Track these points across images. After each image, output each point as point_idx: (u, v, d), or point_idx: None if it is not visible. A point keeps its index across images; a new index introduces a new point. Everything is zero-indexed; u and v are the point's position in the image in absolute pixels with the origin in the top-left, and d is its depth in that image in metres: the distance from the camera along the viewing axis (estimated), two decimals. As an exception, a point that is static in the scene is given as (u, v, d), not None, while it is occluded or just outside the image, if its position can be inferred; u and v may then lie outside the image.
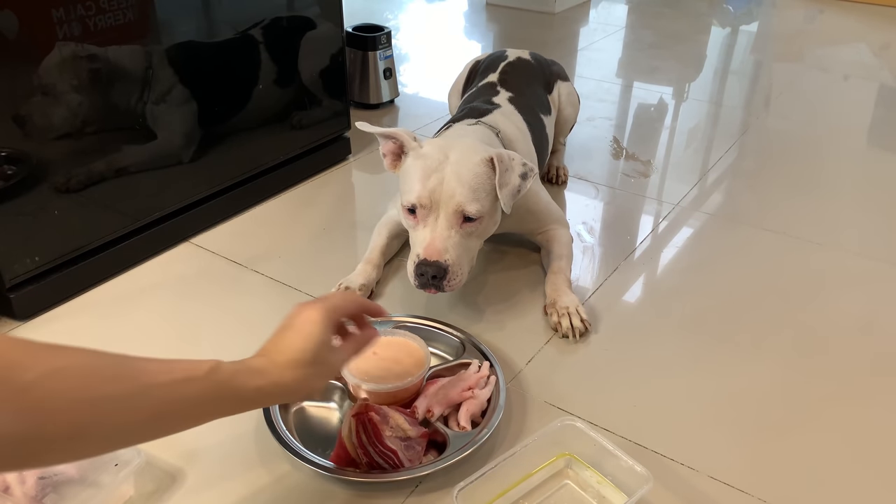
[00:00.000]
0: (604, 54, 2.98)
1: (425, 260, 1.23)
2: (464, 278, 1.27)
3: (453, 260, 1.24)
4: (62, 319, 1.38)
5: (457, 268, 1.25)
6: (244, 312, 1.41)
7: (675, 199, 1.85)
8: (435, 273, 1.23)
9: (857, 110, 2.49)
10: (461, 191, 1.23)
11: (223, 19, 1.61)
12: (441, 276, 1.23)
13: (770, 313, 1.43)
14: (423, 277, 1.24)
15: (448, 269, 1.23)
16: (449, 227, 1.25)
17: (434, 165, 1.26)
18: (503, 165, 1.26)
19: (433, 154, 1.27)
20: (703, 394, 1.23)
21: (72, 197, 1.40)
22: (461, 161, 1.26)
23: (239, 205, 1.75)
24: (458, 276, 1.25)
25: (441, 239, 1.24)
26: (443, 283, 1.24)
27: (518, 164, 1.28)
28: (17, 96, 1.26)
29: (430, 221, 1.26)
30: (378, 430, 1.03)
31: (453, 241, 1.25)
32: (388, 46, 2.33)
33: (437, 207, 1.25)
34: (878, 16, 3.58)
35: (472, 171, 1.25)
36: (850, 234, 1.71)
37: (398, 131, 1.31)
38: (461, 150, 1.28)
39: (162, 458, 1.08)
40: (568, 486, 1.05)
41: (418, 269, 1.24)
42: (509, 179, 1.26)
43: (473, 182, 1.25)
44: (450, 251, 1.24)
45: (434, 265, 1.23)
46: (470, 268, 1.30)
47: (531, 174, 1.29)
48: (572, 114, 1.91)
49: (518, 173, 1.27)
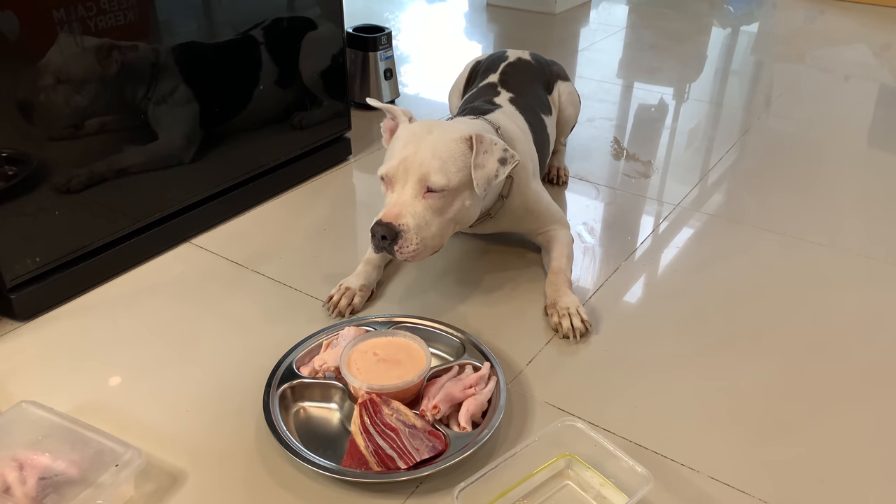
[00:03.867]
0: (604, 55, 2.98)
1: (380, 220, 1.24)
2: (421, 252, 1.26)
3: (409, 227, 1.24)
4: (63, 320, 1.38)
5: (412, 235, 1.23)
6: (244, 313, 1.41)
7: (676, 200, 1.85)
8: (384, 234, 1.23)
9: (858, 111, 2.49)
10: (430, 161, 1.25)
11: (224, 20, 1.61)
12: (391, 239, 1.23)
13: (770, 313, 1.43)
14: (375, 238, 1.25)
15: (400, 233, 1.23)
16: (413, 196, 1.26)
17: (414, 138, 1.29)
18: (482, 146, 1.27)
19: (418, 129, 1.31)
20: (704, 394, 1.23)
21: (72, 197, 1.40)
22: (440, 136, 1.28)
23: (239, 205, 1.75)
24: (412, 244, 1.24)
25: (401, 204, 1.25)
26: (393, 248, 1.24)
27: (499, 149, 1.28)
28: (17, 97, 1.26)
29: (397, 188, 1.27)
30: (378, 409, 1.06)
31: (414, 209, 1.25)
32: (389, 47, 2.33)
33: (406, 175, 1.26)
34: (878, 16, 3.57)
35: (447, 146, 1.27)
36: (851, 234, 1.71)
37: (395, 108, 1.37)
38: (444, 128, 1.31)
39: (162, 459, 1.08)
40: (568, 487, 1.05)
41: (373, 228, 1.25)
42: (485, 161, 1.27)
43: (444, 154, 1.26)
44: (407, 217, 1.24)
45: (385, 226, 1.23)
46: (435, 247, 1.29)
47: (511, 161, 1.29)
48: (573, 114, 1.91)
49: (497, 157, 1.28)
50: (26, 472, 1.00)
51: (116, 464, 1.00)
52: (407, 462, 1.02)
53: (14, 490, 0.97)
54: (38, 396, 1.11)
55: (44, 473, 1.00)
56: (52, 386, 1.22)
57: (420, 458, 1.03)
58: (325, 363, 1.19)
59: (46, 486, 0.98)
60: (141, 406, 1.19)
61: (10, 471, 0.99)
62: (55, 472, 1.00)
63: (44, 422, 1.06)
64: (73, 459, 1.01)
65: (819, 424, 1.17)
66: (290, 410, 1.16)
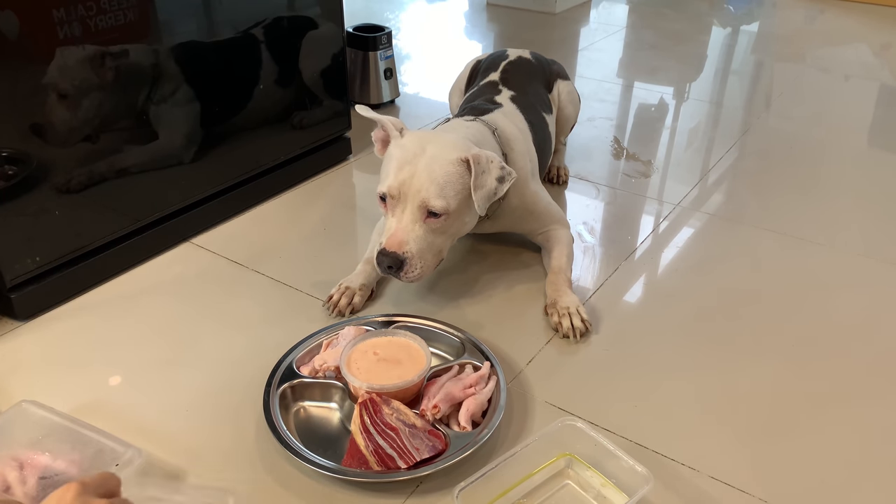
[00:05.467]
0: (604, 54, 2.98)
1: (384, 250, 1.26)
2: (426, 272, 1.29)
3: (413, 253, 1.26)
4: (63, 319, 1.38)
5: (416, 261, 1.26)
6: (244, 312, 1.41)
7: (676, 200, 1.85)
8: (391, 264, 1.26)
9: (858, 110, 2.48)
10: (428, 186, 1.25)
11: (224, 19, 1.61)
12: (397, 267, 1.26)
13: (770, 313, 1.43)
14: (381, 266, 1.28)
15: (405, 261, 1.26)
16: (413, 221, 1.27)
17: (409, 158, 1.28)
18: (479, 167, 1.27)
19: (411, 146, 1.29)
20: (704, 394, 1.23)
21: (72, 197, 1.40)
22: (436, 157, 1.27)
23: (239, 205, 1.75)
24: (417, 268, 1.27)
25: (403, 231, 1.27)
26: (400, 274, 1.27)
27: (496, 167, 1.28)
28: (17, 97, 1.26)
29: (397, 212, 1.28)
30: (378, 408, 1.06)
31: (416, 234, 1.27)
32: (389, 46, 2.33)
33: (406, 199, 1.27)
34: (878, 16, 3.57)
35: (444, 169, 1.26)
36: (851, 233, 1.71)
37: (384, 119, 1.35)
38: (439, 146, 1.29)
39: (162, 458, 1.08)
40: (569, 487, 1.05)
41: (378, 257, 1.28)
42: (485, 182, 1.27)
43: (443, 179, 1.26)
44: (410, 244, 1.26)
45: (391, 256, 1.26)
46: (437, 262, 1.32)
47: (508, 178, 1.29)
48: (573, 113, 1.91)
49: (495, 176, 1.28)
50: (26, 471, 1.00)
51: (116, 463, 1.00)
52: (407, 461, 1.02)
53: (14, 489, 0.97)
54: (38, 396, 1.11)
55: (44, 473, 1.00)
56: (52, 386, 1.22)
57: (420, 457, 1.03)
58: (326, 363, 1.19)
59: (47, 486, 0.98)
60: (141, 406, 1.19)
61: (10, 470, 0.99)
62: (55, 471, 1.00)
63: (44, 421, 1.06)
64: (74, 459, 1.01)
65: (819, 424, 1.17)
66: (290, 410, 1.16)
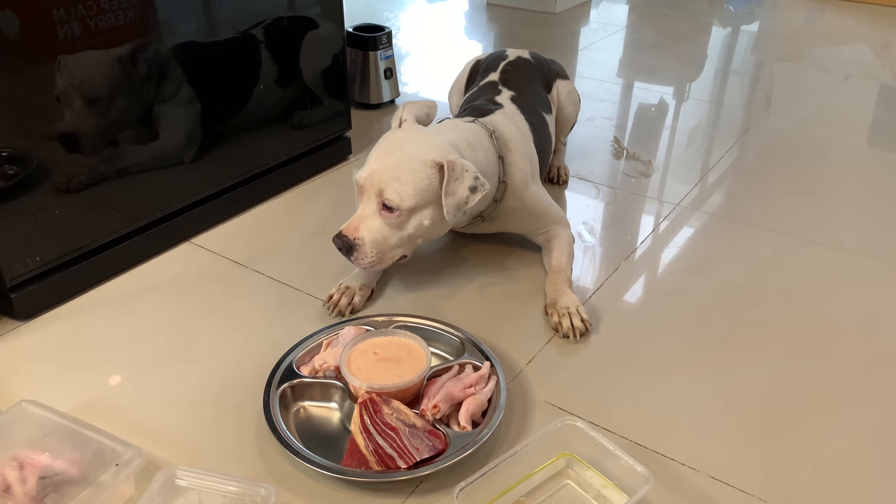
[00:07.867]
0: (604, 54, 2.98)
1: (340, 232, 1.32)
2: (378, 263, 1.33)
3: (365, 241, 1.30)
4: (63, 319, 1.38)
5: (367, 249, 1.30)
6: (244, 312, 1.41)
7: (676, 199, 1.85)
8: (341, 246, 1.31)
9: (858, 110, 2.48)
10: (389, 180, 1.28)
11: (224, 19, 1.60)
12: (347, 251, 1.31)
13: (770, 313, 1.43)
14: (336, 245, 1.32)
15: (355, 247, 1.30)
16: (373, 212, 1.31)
17: (386, 151, 1.31)
18: (453, 174, 1.28)
19: (394, 140, 1.33)
20: (704, 394, 1.23)
21: (72, 197, 1.40)
22: (408, 154, 1.30)
23: (240, 205, 1.75)
24: (368, 257, 1.31)
25: (360, 218, 1.32)
26: (350, 258, 1.32)
27: (470, 177, 1.29)
28: (17, 96, 1.26)
29: (363, 200, 1.32)
30: (378, 408, 1.06)
31: (371, 224, 1.31)
32: (389, 46, 2.32)
33: (371, 190, 1.30)
34: (878, 16, 3.57)
35: (411, 167, 1.28)
36: (851, 233, 1.71)
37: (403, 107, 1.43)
38: (417, 144, 1.31)
39: (162, 458, 1.08)
40: (569, 486, 1.05)
41: (333, 237, 1.32)
42: (456, 189, 1.28)
43: (406, 176, 1.28)
44: (363, 232, 1.30)
45: (341, 238, 1.31)
46: (397, 257, 1.35)
47: (481, 189, 1.30)
48: (573, 112, 1.91)
49: (468, 185, 1.29)
50: (26, 471, 1.00)
51: (117, 463, 1.00)
52: (407, 461, 1.02)
53: (14, 489, 0.97)
54: (38, 396, 1.11)
55: (44, 473, 1.00)
56: (52, 385, 1.22)
57: (420, 457, 1.03)
58: (326, 362, 1.19)
59: (47, 486, 0.98)
60: (141, 405, 1.19)
61: (10, 470, 0.99)
62: (55, 471, 1.00)
63: (44, 421, 1.06)
64: (74, 459, 1.02)
65: (819, 424, 1.17)
66: (291, 410, 1.16)
